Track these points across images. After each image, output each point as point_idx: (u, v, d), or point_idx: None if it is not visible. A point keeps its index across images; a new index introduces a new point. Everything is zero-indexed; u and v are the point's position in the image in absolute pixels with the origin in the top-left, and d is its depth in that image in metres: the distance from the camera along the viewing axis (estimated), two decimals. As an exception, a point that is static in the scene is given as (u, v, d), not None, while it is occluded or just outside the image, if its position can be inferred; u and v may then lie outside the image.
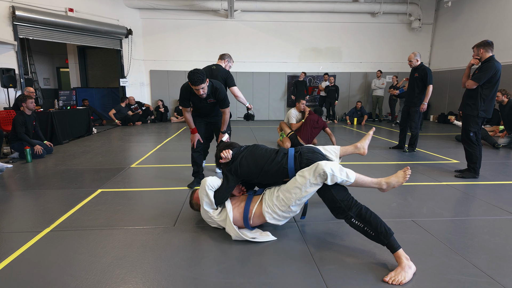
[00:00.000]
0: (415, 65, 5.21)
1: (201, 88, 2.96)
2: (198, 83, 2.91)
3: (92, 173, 4.05)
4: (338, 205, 2.02)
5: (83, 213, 2.75)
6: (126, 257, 2.02)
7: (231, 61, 4.12)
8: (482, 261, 1.99)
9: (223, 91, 3.26)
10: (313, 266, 1.93)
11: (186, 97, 3.22)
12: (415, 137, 5.37)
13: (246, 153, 2.40)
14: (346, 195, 2.07)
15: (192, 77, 2.89)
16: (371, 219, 1.95)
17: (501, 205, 2.96)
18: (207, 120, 3.55)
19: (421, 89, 5.21)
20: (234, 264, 1.95)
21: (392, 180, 2.12)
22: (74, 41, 8.72)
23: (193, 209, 2.56)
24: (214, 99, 3.25)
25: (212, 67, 3.97)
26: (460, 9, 9.66)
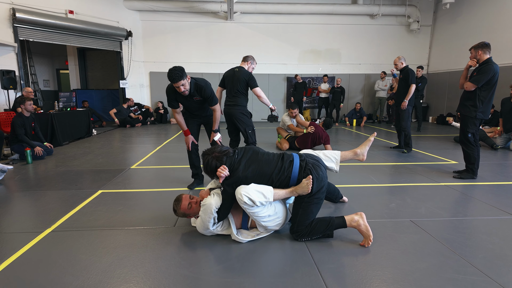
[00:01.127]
0: (400, 68, 5.49)
1: (181, 85, 2.93)
2: (177, 79, 2.88)
3: (92, 174, 4.06)
4: (294, 222, 2.25)
5: (84, 213, 2.77)
6: (127, 257, 2.04)
7: (254, 63, 4.15)
8: (480, 261, 2.01)
9: (209, 88, 3.17)
10: (312, 266, 1.95)
11: (172, 97, 3.20)
12: (408, 136, 5.48)
13: (248, 161, 2.24)
14: (308, 220, 2.23)
15: (170, 75, 2.88)
16: (313, 234, 2.22)
17: (498, 206, 2.98)
18: (199, 121, 3.50)
19: (406, 90, 5.39)
20: (234, 263, 1.97)
21: (299, 189, 2.18)
22: (74, 43, 8.74)
23: (175, 215, 2.39)
24: (200, 97, 3.20)
25: (235, 69, 4.00)
26: (458, 11, 9.72)
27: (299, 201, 2.23)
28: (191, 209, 2.31)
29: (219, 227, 2.31)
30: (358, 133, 8.05)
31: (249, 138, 3.96)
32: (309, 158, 2.33)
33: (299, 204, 2.23)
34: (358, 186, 3.61)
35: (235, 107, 3.97)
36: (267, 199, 2.13)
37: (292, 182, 2.23)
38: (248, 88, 4.00)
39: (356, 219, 2.22)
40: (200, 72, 10.40)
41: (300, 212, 2.22)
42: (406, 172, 4.22)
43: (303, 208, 2.21)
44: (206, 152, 2.31)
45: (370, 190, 3.48)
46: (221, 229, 2.31)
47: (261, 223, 2.24)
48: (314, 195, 2.19)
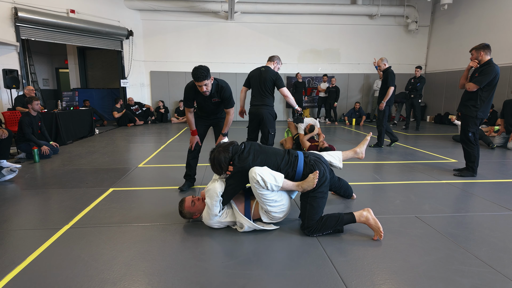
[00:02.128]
0: (383, 69, 5.79)
1: (204, 85, 2.91)
2: (202, 78, 2.86)
3: (101, 172, 4.13)
4: (304, 217, 2.33)
5: (99, 211, 2.84)
6: (147, 251, 2.12)
7: (280, 63, 4.17)
8: (484, 253, 2.12)
9: (229, 90, 3.19)
10: (325, 259, 2.04)
11: (190, 97, 3.17)
12: (380, 134, 5.91)
13: (256, 152, 2.38)
14: (317, 214, 2.32)
15: (195, 73, 2.86)
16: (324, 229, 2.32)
17: (499, 202, 3.09)
18: (209, 122, 3.47)
19: (385, 91, 5.74)
20: (250, 257, 2.06)
21: (305, 184, 2.31)
22: (75, 42, 8.76)
23: (183, 217, 2.53)
24: (219, 98, 3.18)
25: (262, 69, 4.03)
26: (456, 12, 9.86)
27: (305, 196, 2.34)
28: (195, 206, 2.45)
29: (224, 215, 2.40)
30: (358, 132, 8.17)
31: (270, 139, 3.96)
32: (312, 156, 2.48)
33: (306, 199, 2.33)
34: (363, 183, 3.72)
35: (263, 107, 3.98)
36: (277, 183, 2.25)
37: (297, 176, 2.37)
38: (274, 88, 4.04)
39: (365, 215, 2.34)
40: (201, 72, 10.43)
41: (308, 207, 2.32)
42: (408, 170, 4.33)
43: (309, 203, 2.31)
44: (212, 151, 2.46)
45: (374, 187, 3.59)
46: (225, 216, 2.40)
47: (267, 207, 2.33)
48: (318, 189, 2.31)
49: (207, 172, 4.13)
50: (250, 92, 4.19)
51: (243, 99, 4.37)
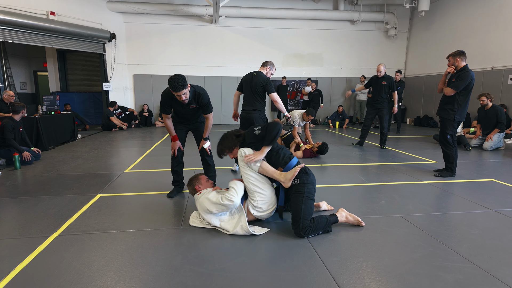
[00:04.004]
0: (383, 74, 6.04)
1: (183, 94, 2.91)
2: (180, 89, 2.85)
3: (86, 178, 4.05)
4: (298, 219, 2.39)
5: (88, 217, 2.79)
6: (140, 257, 2.11)
7: (273, 68, 4.21)
8: (465, 250, 2.24)
9: (206, 96, 3.17)
10: (317, 259, 2.11)
11: (167, 103, 3.14)
12: (386, 135, 6.24)
13: None
14: (309, 215, 2.42)
15: (173, 83, 2.84)
16: (316, 230, 2.43)
17: (477, 201, 3.27)
18: (188, 127, 3.44)
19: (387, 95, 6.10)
20: (245, 259, 2.10)
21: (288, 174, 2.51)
22: (56, 45, 8.54)
23: (189, 185, 2.80)
24: (196, 105, 3.18)
25: (253, 74, 4.06)
26: (432, 18, 10.29)
27: (299, 197, 2.42)
28: (208, 182, 2.83)
29: (225, 216, 2.50)
30: (341, 135, 8.35)
31: None
32: None
33: (300, 200, 2.40)
34: (349, 185, 3.82)
35: (254, 112, 4.04)
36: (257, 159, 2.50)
37: (288, 166, 2.56)
38: (266, 93, 4.08)
39: (344, 215, 2.66)
40: (185, 75, 10.30)
41: (303, 207, 2.38)
42: (391, 171, 4.48)
43: (304, 203, 2.39)
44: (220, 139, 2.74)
45: (360, 189, 3.70)
46: (228, 218, 2.50)
47: (252, 195, 2.53)
48: (306, 186, 2.44)
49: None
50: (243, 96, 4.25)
51: (236, 103, 4.42)
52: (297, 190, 2.45)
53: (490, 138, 6.10)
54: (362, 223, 2.62)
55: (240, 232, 2.41)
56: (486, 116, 6.35)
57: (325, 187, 3.74)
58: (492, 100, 6.28)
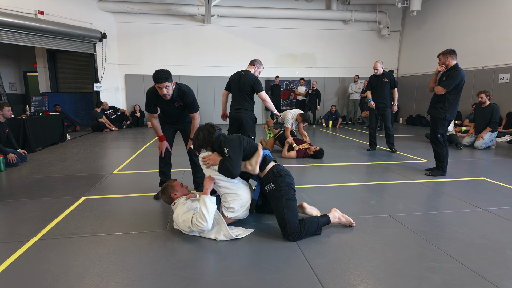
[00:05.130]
0: (381, 72, 5.67)
1: (165, 87, 2.86)
2: (162, 80, 2.82)
3: (72, 180, 3.96)
4: (284, 225, 2.32)
5: (70, 220, 2.72)
6: (122, 261, 2.05)
7: (261, 67, 4.15)
8: (453, 250, 2.21)
9: (191, 95, 3.12)
10: (303, 262, 2.06)
11: (152, 101, 3.09)
12: (392, 136, 5.79)
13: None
14: (295, 217, 2.34)
15: (156, 75, 2.82)
16: (307, 233, 2.35)
17: (466, 200, 3.25)
18: (176, 127, 3.38)
19: (388, 92, 5.70)
20: (229, 263, 2.04)
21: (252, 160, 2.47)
22: (45, 45, 8.41)
23: (162, 194, 2.58)
24: (181, 103, 3.12)
25: (241, 73, 4.01)
26: (424, 18, 10.33)
27: (279, 202, 2.33)
28: (183, 187, 2.62)
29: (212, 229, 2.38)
30: (334, 134, 8.33)
31: None
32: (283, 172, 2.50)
33: (281, 205, 2.32)
34: (339, 185, 3.79)
35: (242, 111, 3.98)
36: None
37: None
38: (254, 92, 4.01)
39: (337, 216, 2.58)
40: (178, 75, 10.32)
41: (286, 212, 2.30)
42: (382, 170, 4.46)
43: (286, 207, 2.31)
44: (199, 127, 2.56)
45: (350, 188, 3.67)
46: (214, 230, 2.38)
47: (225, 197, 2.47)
48: (283, 189, 2.35)
49: (185, 176, 4.06)
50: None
51: (224, 102, 4.37)
52: (274, 196, 2.36)
53: (482, 137, 6.12)
54: (353, 223, 2.58)
55: (224, 239, 2.34)
56: (481, 113, 6.36)
57: (314, 187, 3.70)
58: (491, 98, 6.30)
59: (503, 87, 7.80)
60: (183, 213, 2.35)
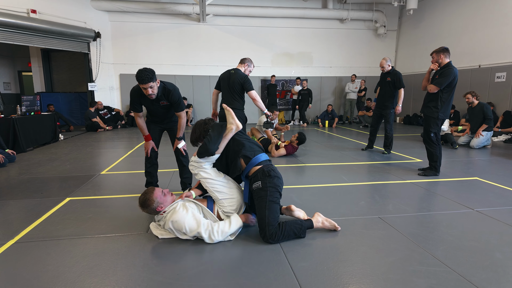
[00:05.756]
0: (387, 70, 5.37)
1: (149, 87, 2.79)
2: (146, 80, 2.74)
3: (59, 181, 3.89)
4: (263, 226, 2.25)
5: (51, 223, 2.65)
6: (97, 265, 1.98)
7: (251, 65, 4.08)
8: (441, 252, 2.15)
9: (177, 93, 3.05)
10: (286, 265, 1.99)
11: (136, 100, 3.03)
12: (391, 139, 5.47)
13: None
14: (275, 220, 2.28)
15: (140, 75, 2.74)
16: (287, 235, 2.27)
17: (458, 200, 3.18)
18: (162, 127, 3.32)
19: (393, 93, 5.34)
20: (208, 267, 1.97)
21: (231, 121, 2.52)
22: (38, 44, 8.33)
23: (144, 210, 2.34)
24: (167, 102, 3.05)
25: (231, 71, 3.94)
26: (420, 17, 10.27)
27: (263, 202, 2.27)
28: (165, 196, 2.35)
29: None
30: (331, 134, 8.27)
31: None
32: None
33: (264, 205, 2.26)
34: (330, 185, 3.72)
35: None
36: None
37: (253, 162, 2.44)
38: (244, 91, 3.95)
39: (320, 220, 2.49)
40: (173, 75, 10.26)
41: (267, 213, 2.24)
42: (375, 170, 4.39)
43: (268, 208, 2.25)
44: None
45: (341, 189, 3.60)
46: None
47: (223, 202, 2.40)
48: (268, 190, 2.29)
49: (173, 177, 4.00)
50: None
51: (214, 101, 4.31)
52: (258, 195, 2.30)
53: (480, 134, 6.04)
54: (338, 228, 2.49)
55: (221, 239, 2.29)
56: (473, 114, 6.32)
57: (304, 187, 3.63)
58: (478, 98, 6.23)
59: (499, 86, 7.74)
60: (189, 217, 2.23)
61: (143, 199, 2.31)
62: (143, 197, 2.32)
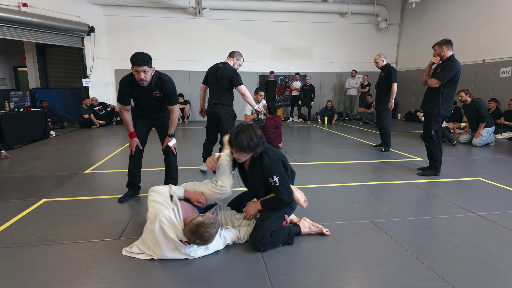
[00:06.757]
0: (381, 65, 5.38)
1: (143, 71, 2.60)
2: (141, 63, 2.55)
3: (39, 180, 3.72)
4: (259, 228, 2.08)
5: (19, 227, 2.47)
6: (55, 278, 1.79)
7: (241, 59, 3.88)
8: (438, 264, 1.94)
9: (172, 85, 2.87)
10: (264, 278, 1.80)
11: (126, 91, 2.80)
12: (388, 135, 5.37)
13: None
14: (273, 229, 2.11)
15: (135, 56, 2.55)
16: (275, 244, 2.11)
17: (459, 203, 2.97)
18: (152, 123, 3.09)
19: (388, 88, 5.28)
20: (178, 279, 1.79)
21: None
22: (29, 38, 8.14)
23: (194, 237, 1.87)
24: (160, 93, 2.84)
25: (219, 65, 3.74)
26: (423, 10, 9.96)
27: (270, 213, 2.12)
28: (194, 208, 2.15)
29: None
30: (330, 131, 8.05)
31: None
32: None
33: (270, 214, 2.12)
34: (323, 186, 3.52)
35: (220, 107, 3.71)
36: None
37: None
38: (233, 86, 3.75)
39: (307, 225, 2.33)
40: (169, 70, 10.04)
41: (272, 219, 2.10)
42: (373, 170, 4.18)
43: (274, 218, 2.11)
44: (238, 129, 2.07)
45: (334, 189, 3.40)
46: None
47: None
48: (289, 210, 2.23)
49: (159, 177, 3.81)
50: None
51: (202, 97, 4.11)
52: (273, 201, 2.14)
53: (480, 134, 5.82)
54: (326, 232, 2.31)
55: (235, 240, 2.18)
56: (467, 112, 6.12)
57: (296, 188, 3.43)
58: (471, 96, 6.02)
59: (504, 82, 7.47)
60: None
61: (209, 235, 1.87)
62: (209, 233, 1.86)
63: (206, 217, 1.89)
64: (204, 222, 1.84)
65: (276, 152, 2.15)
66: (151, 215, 1.94)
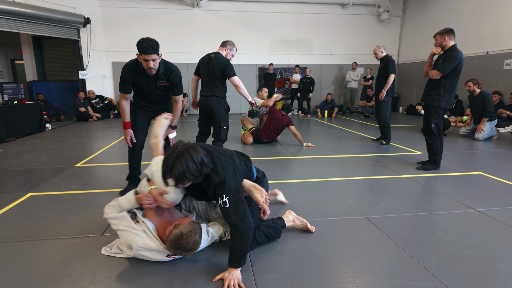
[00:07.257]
0: (380, 56, 5.29)
1: (152, 60, 2.45)
2: (151, 51, 2.39)
3: (28, 174, 3.63)
4: None
5: (0, 222, 2.38)
6: (29, 277, 1.71)
7: (233, 49, 3.74)
8: (434, 263, 1.84)
9: (179, 74, 2.76)
10: (249, 278, 1.71)
11: (128, 78, 2.64)
12: (387, 128, 5.31)
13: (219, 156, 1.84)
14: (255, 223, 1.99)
15: (144, 44, 2.37)
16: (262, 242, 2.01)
17: (459, 198, 2.87)
18: (152, 114, 2.89)
19: (386, 80, 5.20)
20: (153, 281, 1.69)
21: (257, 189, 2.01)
22: (24, 30, 8.00)
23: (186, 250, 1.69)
24: (166, 82, 2.70)
25: (211, 55, 3.61)
26: (426, 1, 9.73)
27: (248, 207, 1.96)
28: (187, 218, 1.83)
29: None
30: (330, 125, 7.92)
31: (222, 134, 3.61)
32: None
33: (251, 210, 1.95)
34: (318, 180, 3.41)
35: (212, 99, 3.58)
36: None
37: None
38: (225, 77, 3.62)
39: (291, 219, 2.24)
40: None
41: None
42: (370, 164, 4.07)
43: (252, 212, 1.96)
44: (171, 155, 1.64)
45: (330, 184, 3.29)
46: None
47: None
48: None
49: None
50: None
51: (194, 89, 3.99)
52: None
53: (481, 129, 5.67)
54: (311, 228, 2.20)
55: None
56: (474, 103, 5.94)
57: (290, 182, 3.33)
58: (480, 86, 5.82)
59: (508, 74, 7.28)
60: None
61: (194, 244, 1.67)
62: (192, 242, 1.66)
63: (182, 226, 1.65)
64: (182, 233, 1.61)
65: (224, 165, 1.76)
66: (125, 244, 1.81)
